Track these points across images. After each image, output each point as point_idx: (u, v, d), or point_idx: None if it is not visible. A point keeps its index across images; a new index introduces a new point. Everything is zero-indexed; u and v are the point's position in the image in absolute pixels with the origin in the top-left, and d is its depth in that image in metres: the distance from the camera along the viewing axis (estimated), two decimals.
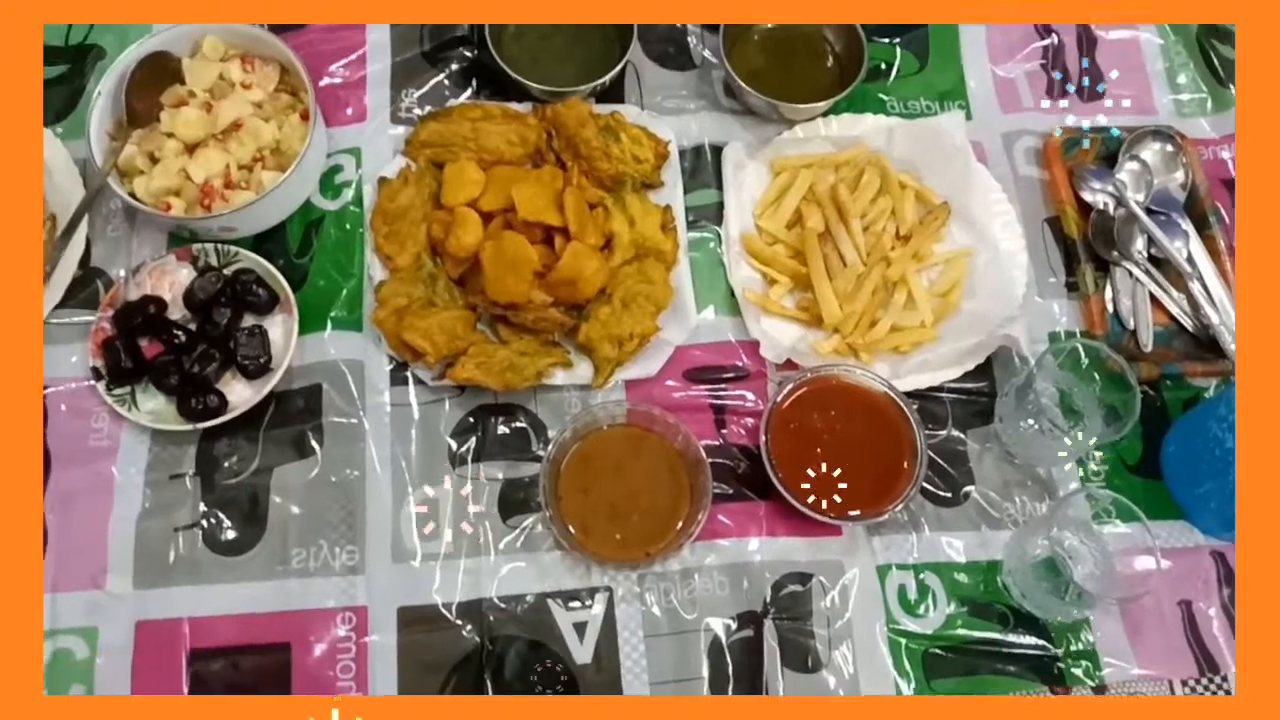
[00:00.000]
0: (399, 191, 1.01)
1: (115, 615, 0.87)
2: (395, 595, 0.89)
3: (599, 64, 1.08)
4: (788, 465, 0.91)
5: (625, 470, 0.93)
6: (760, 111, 1.09)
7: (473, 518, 0.92)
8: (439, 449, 0.94)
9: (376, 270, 0.99)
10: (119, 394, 0.92)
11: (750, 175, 1.06)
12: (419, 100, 1.08)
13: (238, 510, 0.91)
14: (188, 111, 0.99)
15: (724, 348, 1.00)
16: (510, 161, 1.03)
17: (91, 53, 1.08)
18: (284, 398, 0.95)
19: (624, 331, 0.96)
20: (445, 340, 0.94)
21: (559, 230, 0.98)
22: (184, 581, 0.88)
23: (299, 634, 0.87)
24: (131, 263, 0.99)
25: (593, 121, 1.02)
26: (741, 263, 1.02)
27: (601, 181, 1.02)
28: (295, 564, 0.89)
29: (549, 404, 0.97)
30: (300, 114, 1.02)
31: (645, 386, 0.98)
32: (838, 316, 0.98)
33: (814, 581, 0.92)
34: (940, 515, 0.96)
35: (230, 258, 0.98)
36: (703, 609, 0.90)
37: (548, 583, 0.91)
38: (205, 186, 0.97)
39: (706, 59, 1.13)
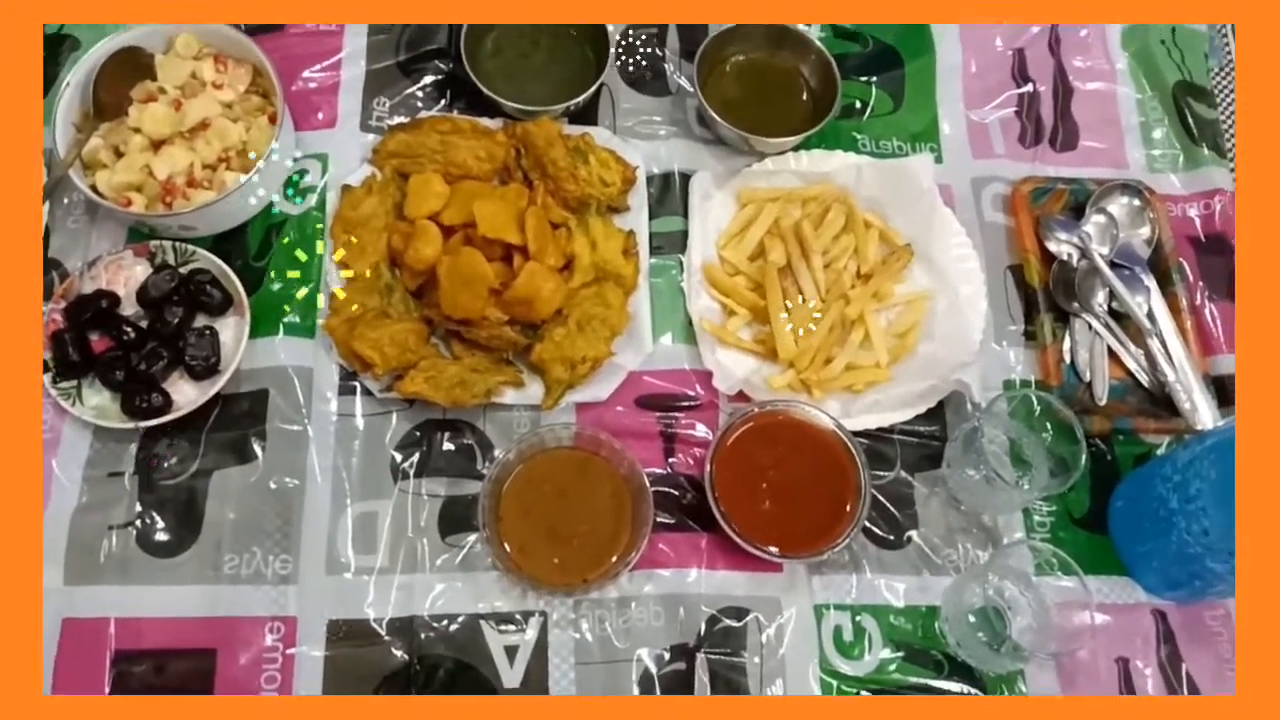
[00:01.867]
0: (362, 200, 1.01)
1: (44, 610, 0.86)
2: (326, 607, 0.88)
3: (574, 84, 1.08)
4: (731, 498, 0.91)
5: (568, 494, 0.93)
6: (731, 142, 1.09)
7: (411, 533, 0.92)
8: (382, 462, 0.94)
9: (333, 278, 0.99)
10: (64, 388, 0.92)
11: (717, 205, 1.06)
12: (391, 109, 1.08)
13: (173, 512, 0.90)
14: (156, 108, 0.99)
15: (678, 375, 1.00)
16: (477, 177, 1.03)
17: (65, 43, 1.08)
18: (230, 400, 0.94)
19: (577, 354, 0.95)
20: (396, 352, 0.94)
21: (519, 249, 0.97)
22: (114, 580, 0.87)
23: (226, 640, 0.86)
24: (88, 256, 0.98)
25: (562, 142, 1.02)
26: (701, 292, 1.02)
27: (567, 202, 1.02)
28: (227, 569, 0.88)
29: (498, 422, 0.97)
30: (269, 116, 1.02)
31: (596, 410, 0.98)
32: (793, 352, 0.98)
33: (750, 617, 0.91)
34: (882, 557, 0.95)
35: (188, 256, 0.97)
36: (636, 639, 0.90)
37: (482, 604, 0.90)
38: (168, 183, 0.97)
39: (682, 86, 1.13)
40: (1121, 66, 1.21)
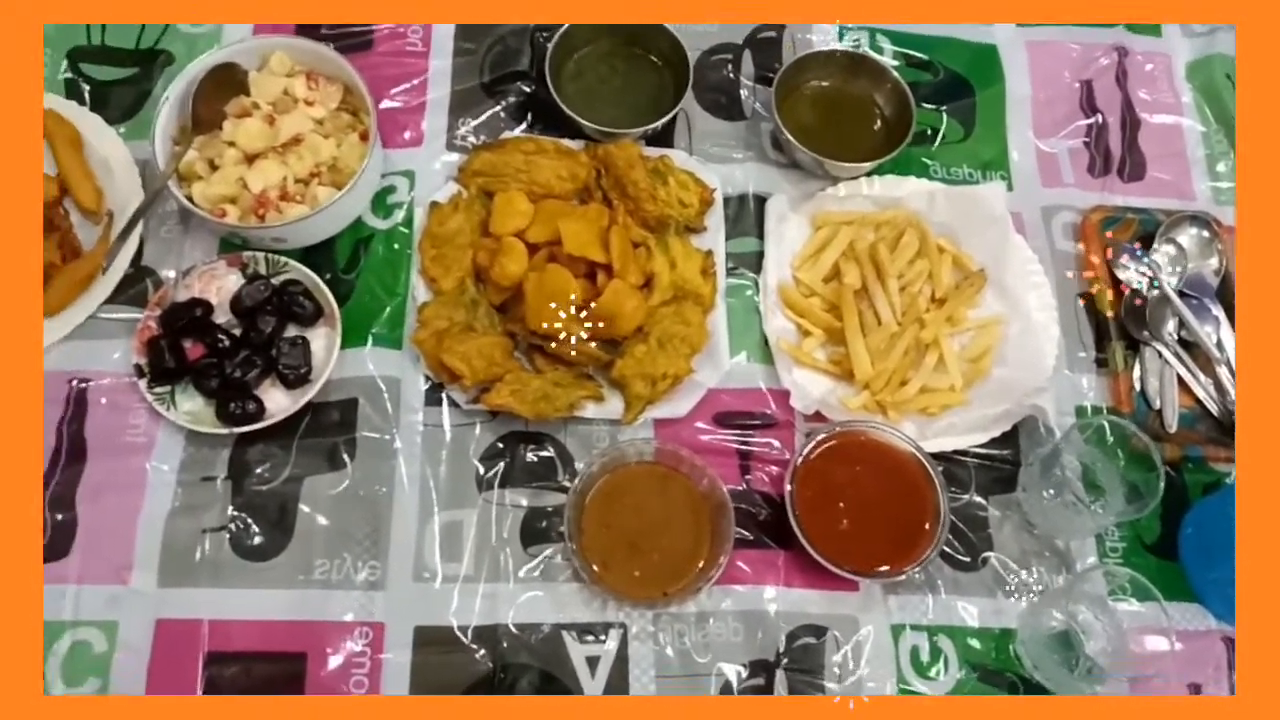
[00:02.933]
0: (449, 217, 1.03)
1: (136, 611, 0.88)
2: (413, 614, 0.90)
3: (652, 108, 1.11)
4: (811, 517, 0.92)
5: (648, 508, 0.94)
6: (806, 166, 1.11)
7: (495, 543, 0.93)
8: (467, 472, 0.95)
9: (420, 291, 1.01)
10: (159, 392, 0.94)
11: (792, 228, 1.08)
12: (475, 130, 1.10)
13: (266, 517, 0.92)
14: (250, 123, 1.01)
15: (753, 394, 1.01)
16: (559, 196, 1.05)
17: (160, 58, 1.11)
18: (320, 409, 0.96)
19: (658, 371, 0.97)
20: (483, 365, 0.96)
21: (602, 266, 0.99)
22: (207, 583, 0.89)
23: (316, 645, 0.88)
24: (182, 265, 1.01)
25: (642, 163, 1.04)
26: (777, 312, 1.04)
27: (646, 222, 1.04)
28: (318, 574, 0.90)
29: (578, 436, 0.99)
30: (360, 134, 1.04)
31: (674, 426, 0.99)
32: (869, 373, 1.00)
33: (828, 635, 0.92)
34: (957, 579, 0.96)
35: (279, 268, 1.00)
36: (716, 654, 0.91)
37: (563, 614, 0.91)
38: (261, 196, 0.99)
39: (757, 111, 1.15)
40: (1187, 100, 1.22)
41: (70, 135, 1.03)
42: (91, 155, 1.04)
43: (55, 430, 0.93)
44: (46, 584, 0.88)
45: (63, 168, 1.02)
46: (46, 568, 0.89)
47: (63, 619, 0.87)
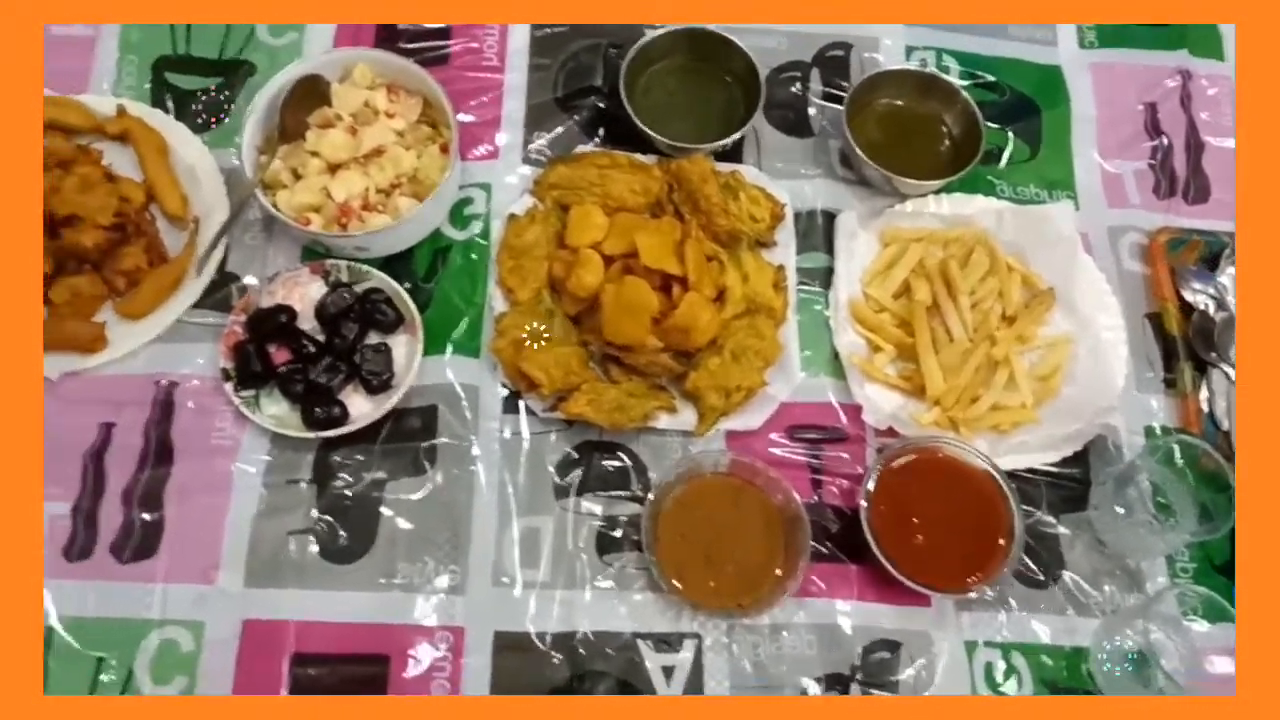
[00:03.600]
0: (526, 229, 1.04)
1: (223, 611, 0.89)
2: (492, 619, 0.91)
3: (722, 124, 1.12)
4: (886, 531, 0.93)
5: (722, 520, 0.95)
6: (874, 183, 1.12)
7: (571, 550, 0.94)
8: (544, 480, 0.97)
9: (498, 301, 1.03)
10: (245, 396, 0.95)
11: (861, 244, 1.09)
12: (549, 144, 1.12)
13: (349, 520, 0.93)
14: (334, 134, 1.03)
15: (824, 408, 1.02)
16: (631, 209, 1.06)
17: (242, 68, 1.13)
18: (401, 415, 0.98)
19: (731, 383, 0.98)
20: (560, 374, 0.97)
21: (677, 279, 1.00)
22: (292, 585, 0.90)
23: (398, 647, 0.89)
24: (266, 272, 1.03)
25: (715, 178, 1.06)
26: (848, 327, 1.05)
27: (717, 236, 1.05)
28: (400, 578, 0.91)
29: (651, 446, 1.00)
30: (440, 146, 1.06)
31: (746, 438, 1.00)
32: (941, 389, 1.00)
33: (902, 650, 0.93)
34: (1029, 596, 0.97)
35: (361, 275, 1.01)
36: (791, 666, 0.91)
37: (638, 623, 0.92)
38: (344, 206, 1.01)
39: (825, 128, 1.16)
40: None
41: (157, 143, 1.06)
42: (177, 163, 1.06)
43: (142, 431, 0.95)
44: (134, 582, 0.90)
45: (149, 175, 1.04)
46: (134, 566, 0.90)
47: (150, 617, 0.89)
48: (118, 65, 1.12)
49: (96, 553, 0.90)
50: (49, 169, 1.00)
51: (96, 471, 0.93)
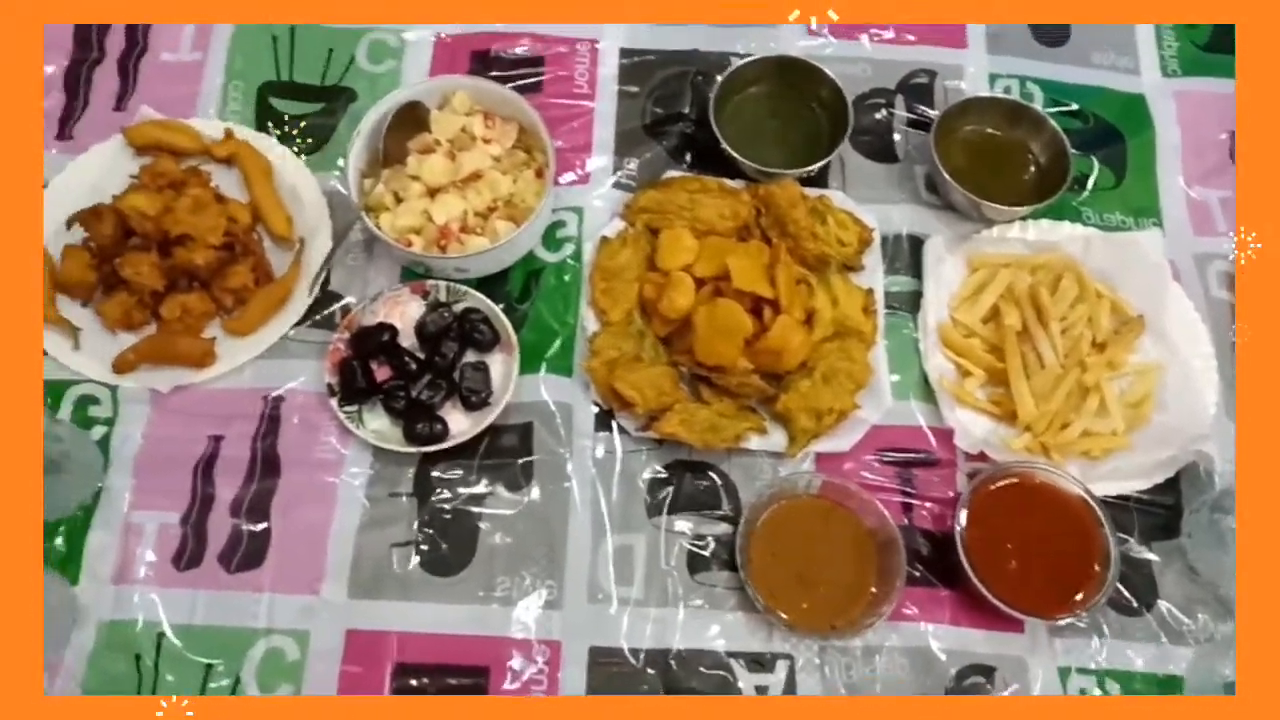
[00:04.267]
0: (618, 252, 1.07)
1: (327, 621, 0.91)
2: (588, 634, 0.92)
3: (808, 150, 1.14)
4: (980, 555, 0.93)
5: (814, 541, 0.96)
6: (960, 208, 1.13)
7: (663, 568, 0.95)
8: (636, 498, 0.98)
9: (590, 322, 1.05)
10: (349, 411, 0.98)
11: (949, 268, 1.10)
12: (638, 168, 1.14)
13: (449, 534, 0.95)
14: (435, 159, 1.06)
15: (914, 432, 1.03)
16: (720, 233, 1.08)
17: (344, 94, 1.17)
18: (498, 432, 1.00)
19: (823, 405, 0.99)
20: (653, 394, 0.98)
21: (768, 302, 1.02)
22: (395, 596, 0.92)
23: (498, 660, 0.90)
24: (367, 291, 1.06)
25: (803, 203, 1.07)
26: (937, 351, 1.06)
27: (805, 260, 1.07)
28: (499, 591, 0.93)
29: (741, 467, 1.01)
30: (535, 171, 1.09)
31: (836, 461, 1.01)
32: (1033, 415, 1.01)
33: (997, 675, 0.92)
34: (1122, 623, 0.96)
35: (459, 296, 1.04)
36: (884, 689, 0.91)
37: (730, 643, 0.93)
38: (444, 228, 1.04)
39: (910, 154, 1.18)
40: None
41: (262, 166, 1.09)
42: (281, 185, 1.10)
43: (249, 444, 0.98)
44: (241, 591, 0.92)
45: (255, 196, 1.08)
46: (241, 576, 0.93)
47: (257, 626, 0.91)
48: (223, 90, 1.16)
49: (205, 561, 0.93)
50: (160, 190, 1.04)
51: (205, 482, 0.96)
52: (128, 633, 0.90)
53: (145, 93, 1.15)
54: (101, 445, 0.98)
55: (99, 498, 0.96)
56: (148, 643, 0.90)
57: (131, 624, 0.91)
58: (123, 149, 1.10)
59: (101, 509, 0.95)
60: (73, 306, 1.03)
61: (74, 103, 1.15)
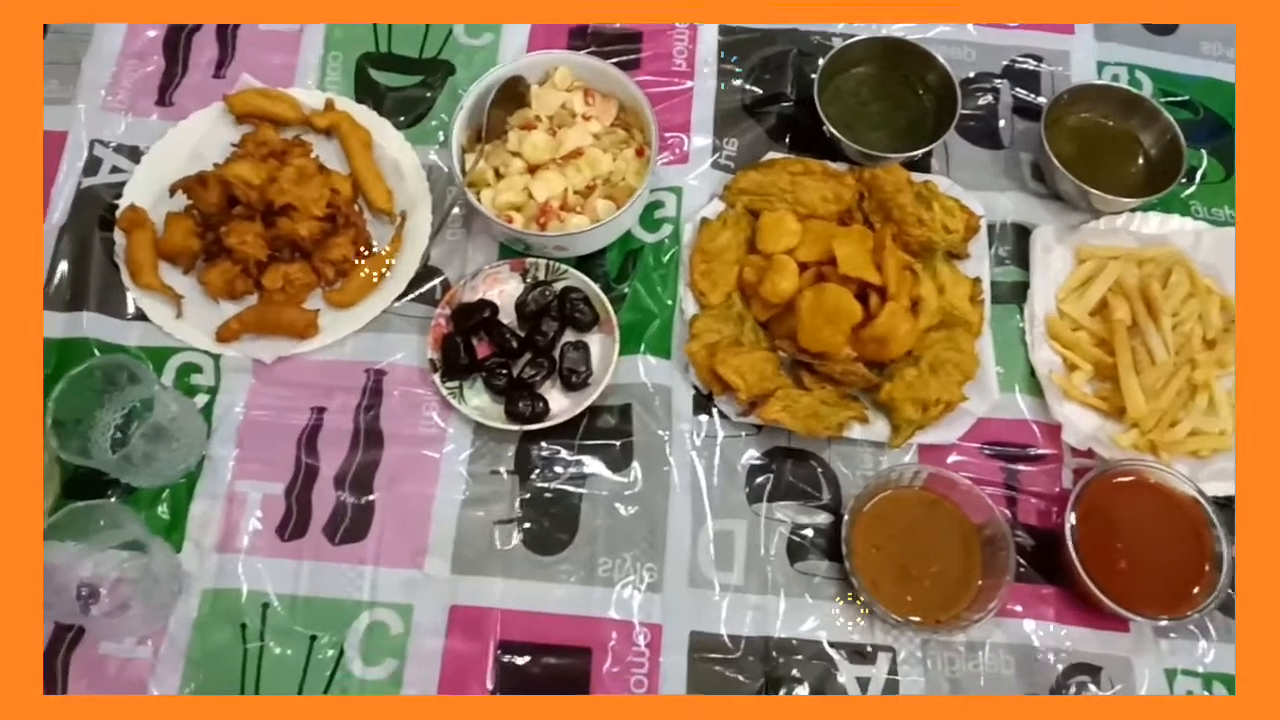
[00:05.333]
0: (718, 233, 1.05)
1: (431, 596, 0.91)
2: (688, 618, 0.92)
3: (910, 133, 1.12)
4: (1090, 553, 0.91)
5: (918, 533, 0.94)
6: (1068, 198, 1.10)
7: (763, 556, 0.94)
8: (736, 484, 0.97)
9: (689, 304, 1.03)
10: (450, 386, 0.98)
11: (1056, 259, 1.07)
12: (737, 150, 1.13)
13: (551, 513, 0.95)
14: (537, 135, 1.05)
15: (1019, 425, 1.01)
16: (822, 217, 1.06)
17: (443, 67, 1.16)
18: (597, 412, 0.99)
19: (930, 396, 0.97)
20: (755, 379, 0.97)
21: (874, 288, 1.00)
22: (497, 573, 0.92)
23: (600, 641, 0.90)
24: (466, 267, 1.05)
25: (910, 188, 1.05)
26: (1044, 344, 1.03)
27: (909, 246, 1.05)
28: (601, 572, 0.92)
29: (842, 455, 0.99)
30: (635, 150, 1.07)
31: (939, 453, 0.99)
32: (1143, 411, 0.98)
33: (1103, 675, 0.91)
34: (1228, 625, 0.94)
35: (558, 274, 1.03)
36: (988, 685, 0.90)
37: (831, 633, 0.92)
38: (545, 206, 1.03)
39: (1015, 141, 1.15)
40: None
41: (362, 137, 1.09)
42: (381, 157, 1.09)
43: (352, 417, 0.98)
44: (346, 563, 0.92)
45: (355, 169, 1.07)
46: (345, 548, 0.93)
47: (361, 598, 0.91)
48: (322, 61, 1.16)
49: (310, 532, 0.93)
50: (264, 159, 1.04)
51: (309, 454, 0.96)
52: (233, 601, 0.91)
53: (244, 61, 1.15)
54: (204, 414, 0.98)
55: (202, 466, 0.96)
56: (253, 612, 0.90)
57: (236, 593, 0.91)
58: (222, 116, 1.10)
59: (205, 478, 0.95)
60: (173, 273, 1.03)
61: (173, 69, 1.15)
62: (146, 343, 1.01)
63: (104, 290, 1.03)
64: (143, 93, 1.13)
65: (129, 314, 1.02)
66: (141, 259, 1.01)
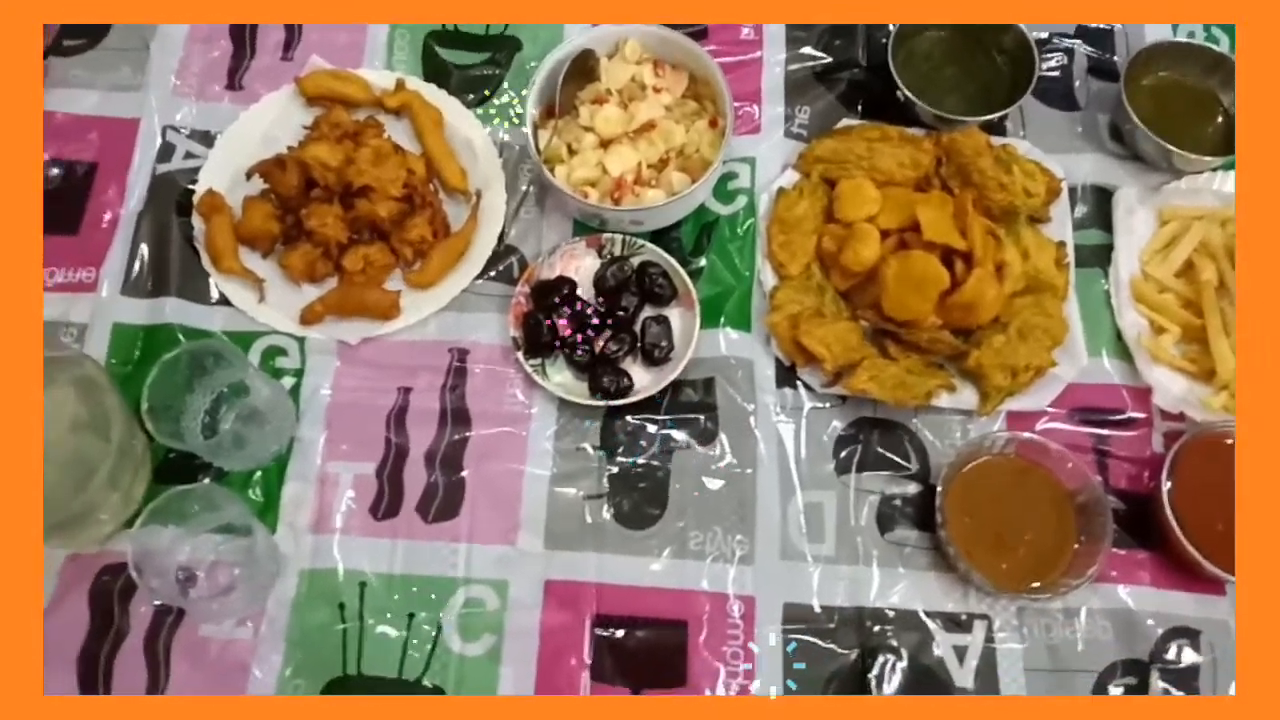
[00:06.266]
0: (796, 203, 1.04)
1: (525, 571, 0.91)
2: (781, 590, 0.91)
3: (984, 96, 1.10)
4: (1185, 516, 0.90)
5: (1009, 501, 0.94)
6: (1149, 158, 1.08)
7: (853, 526, 0.94)
8: (823, 455, 0.97)
9: (768, 276, 1.03)
10: (533, 364, 0.98)
11: (1139, 221, 1.06)
12: (810, 117, 1.11)
13: (639, 487, 0.95)
14: (609, 109, 1.04)
15: (1108, 390, 0.99)
16: (899, 183, 1.05)
17: (510, 43, 1.15)
18: (679, 386, 0.98)
19: (1019, 362, 0.96)
20: (841, 350, 0.96)
21: (959, 254, 0.99)
22: (590, 548, 0.92)
23: (694, 614, 0.90)
24: (541, 244, 1.05)
25: (990, 152, 1.04)
26: (1130, 307, 1.02)
27: (990, 211, 1.03)
28: (692, 545, 0.92)
29: (929, 425, 0.99)
30: (708, 121, 1.06)
31: (1027, 419, 0.98)
32: (1233, 374, 0.97)
33: (1202, 639, 0.90)
34: None
35: (635, 249, 1.02)
36: (1087, 651, 0.89)
37: (925, 602, 0.92)
38: (619, 180, 1.02)
39: (1090, 101, 1.13)
40: None
41: (434, 116, 1.08)
42: (452, 136, 1.08)
43: (438, 396, 0.98)
44: (440, 541, 0.93)
45: (428, 148, 1.07)
46: (438, 526, 0.93)
47: (456, 575, 0.91)
48: (389, 39, 1.15)
49: (403, 511, 0.94)
50: (339, 140, 1.03)
51: (398, 433, 0.97)
52: (330, 581, 0.91)
53: (311, 42, 1.15)
54: (291, 396, 0.98)
55: (291, 448, 0.96)
56: (351, 591, 0.91)
57: (332, 572, 0.92)
58: (293, 98, 1.10)
59: (295, 460, 0.96)
60: (252, 257, 1.04)
61: (241, 52, 1.15)
62: (230, 327, 1.01)
63: (185, 276, 1.03)
64: (212, 77, 1.13)
65: (212, 299, 1.02)
66: (222, 244, 1.01)
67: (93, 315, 1.01)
